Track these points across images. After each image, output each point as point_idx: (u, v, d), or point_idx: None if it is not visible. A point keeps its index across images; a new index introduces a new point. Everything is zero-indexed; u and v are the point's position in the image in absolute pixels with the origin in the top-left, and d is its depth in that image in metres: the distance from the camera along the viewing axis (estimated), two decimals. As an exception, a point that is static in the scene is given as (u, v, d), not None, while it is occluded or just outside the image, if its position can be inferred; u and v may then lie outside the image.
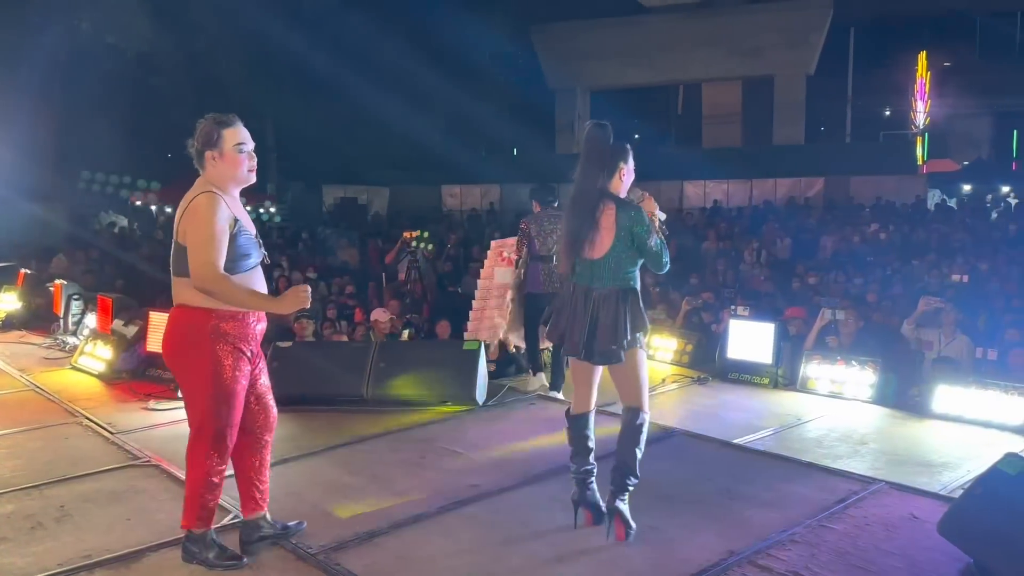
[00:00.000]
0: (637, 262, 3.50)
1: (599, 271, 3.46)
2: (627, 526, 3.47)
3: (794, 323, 7.32)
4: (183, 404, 3.36)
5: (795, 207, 20.99)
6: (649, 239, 3.44)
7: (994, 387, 5.39)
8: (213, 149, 3.19)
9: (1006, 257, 11.85)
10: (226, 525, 3.72)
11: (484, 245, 15.30)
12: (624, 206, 3.46)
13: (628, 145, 3.58)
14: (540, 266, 6.09)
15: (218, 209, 3.12)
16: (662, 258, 3.50)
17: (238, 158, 3.22)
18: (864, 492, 4.02)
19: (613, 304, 3.43)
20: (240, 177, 3.26)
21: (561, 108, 30.69)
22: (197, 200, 3.14)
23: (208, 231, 3.08)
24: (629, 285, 3.48)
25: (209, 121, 3.24)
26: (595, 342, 3.44)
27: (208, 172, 3.22)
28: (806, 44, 26.38)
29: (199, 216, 3.10)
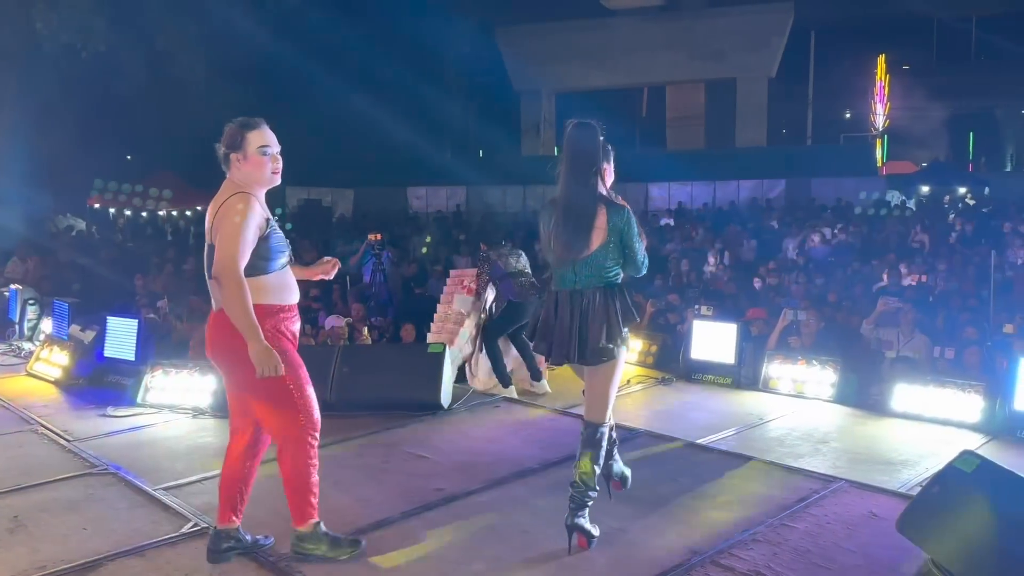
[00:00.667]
0: (619, 261, 3.46)
1: (582, 270, 3.41)
2: (589, 536, 3.44)
3: (756, 323, 7.40)
4: (253, 405, 3.32)
5: (757, 208, 21.24)
6: (636, 242, 3.42)
7: (951, 385, 5.49)
8: (237, 151, 3.25)
9: (963, 257, 12.09)
10: (185, 534, 3.66)
11: (451, 247, 15.31)
12: (614, 208, 3.40)
13: (609, 145, 3.54)
14: (510, 281, 6.34)
15: (251, 210, 3.18)
16: (645, 261, 3.51)
17: (262, 160, 3.26)
18: (825, 491, 4.07)
19: (602, 301, 3.39)
20: (264, 179, 3.30)
21: (527, 110, 30.77)
22: (232, 200, 3.19)
23: (238, 228, 3.13)
24: (614, 281, 3.44)
25: (234, 125, 3.29)
26: (587, 342, 3.38)
27: (233, 174, 3.27)
28: (767, 47, 26.75)
29: (232, 214, 3.15)
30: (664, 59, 27.45)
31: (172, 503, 4.04)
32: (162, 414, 5.64)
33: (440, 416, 5.54)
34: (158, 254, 13.49)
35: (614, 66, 28.07)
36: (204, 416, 5.56)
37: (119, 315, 6.94)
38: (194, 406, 5.65)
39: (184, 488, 4.27)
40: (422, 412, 5.51)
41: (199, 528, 3.72)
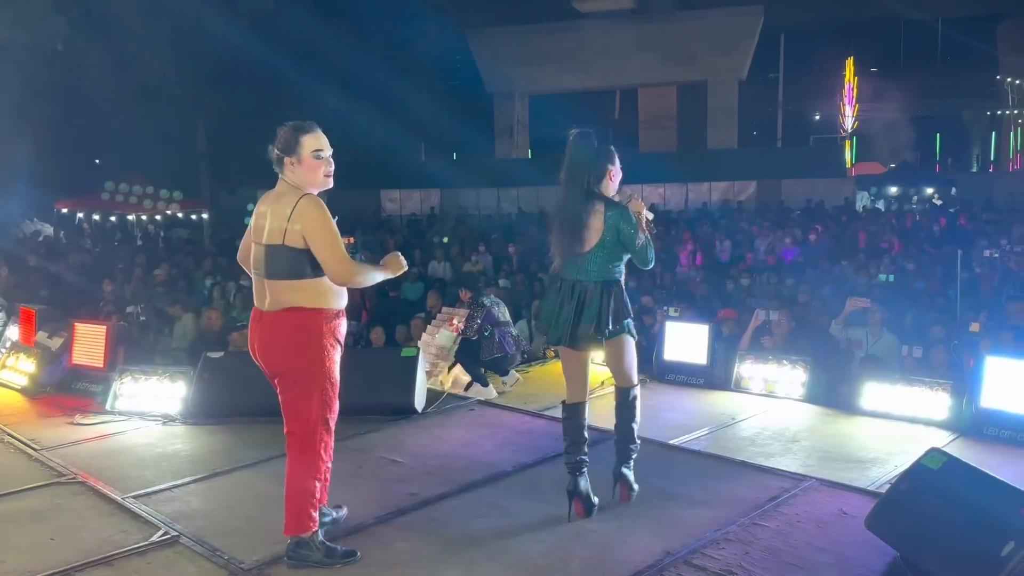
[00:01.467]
0: (623, 258, 3.77)
1: (585, 264, 3.71)
2: (630, 488, 3.86)
3: (727, 324, 7.46)
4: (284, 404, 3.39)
5: (729, 210, 21.42)
6: (636, 237, 3.69)
7: (919, 383, 5.56)
8: (292, 155, 3.34)
9: (930, 257, 12.28)
10: (155, 542, 3.62)
11: (424, 250, 15.27)
12: (611, 205, 3.71)
13: (612, 147, 3.85)
14: (507, 332, 6.57)
15: (327, 208, 3.31)
16: (648, 254, 3.77)
17: (315, 164, 3.35)
18: (796, 489, 4.11)
19: (597, 295, 3.69)
20: (317, 182, 3.38)
21: (500, 112, 30.79)
22: (309, 204, 3.27)
23: (332, 229, 3.28)
24: (613, 278, 3.75)
25: (289, 128, 3.38)
26: (578, 330, 3.70)
27: (288, 176, 3.37)
28: (738, 50, 26.99)
29: (319, 218, 3.26)
30: (636, 62, 27.60)
31: (142, 512, 3.98)
32: (132, 421, 5.56)
33: (414, 420, 5.52)
34: (126, 259, 13.32)
35: (586, 69, 28.17)
36: (174, 423, 5.49)
37: (88, 321, 6.85)
38: (164, 413, 5.59)
39: (154, 496, 4.21)
40: (396, 416, 5.49)
41: (169, 536, 3.67)
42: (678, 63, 27.43)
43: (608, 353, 3.94)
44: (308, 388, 3.33)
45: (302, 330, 3.30)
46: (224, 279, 10.79)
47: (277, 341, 3.34)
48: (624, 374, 3.93)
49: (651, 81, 29.64)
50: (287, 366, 3.35)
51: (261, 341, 3.39)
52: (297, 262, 3.26)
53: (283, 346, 3.33)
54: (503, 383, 6.63)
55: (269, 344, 3.36)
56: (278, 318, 3.32)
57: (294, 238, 3.25)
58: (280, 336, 3.33)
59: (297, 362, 3.32)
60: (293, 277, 3.28)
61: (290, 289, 3.30)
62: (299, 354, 3.31)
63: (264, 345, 3.38)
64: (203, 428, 5.38)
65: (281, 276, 3.30)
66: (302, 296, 3.29)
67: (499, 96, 30.50)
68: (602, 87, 31.25)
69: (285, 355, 3.34)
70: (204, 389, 5.55)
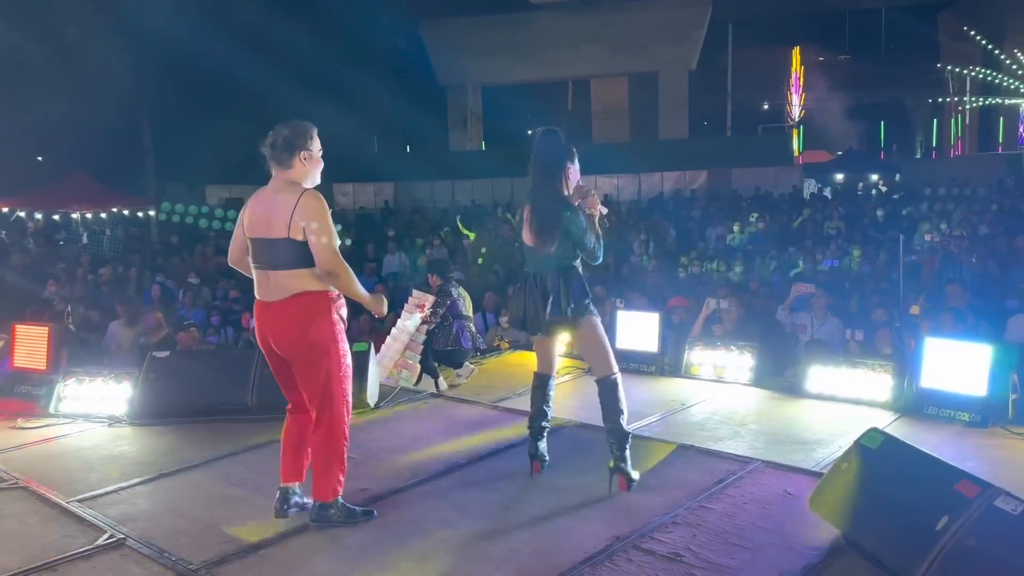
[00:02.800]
0: (578, 252, 3.96)
1: (545, 258, 3.92)
2: (629, 480, 3.95)
3: (677, 312, 7.56)
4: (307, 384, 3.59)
5: (681, 199, 21.65)
6: (584, 236, 3.88)
7: (862, 365, 5.69)
8: (307, 151, 3.54)
9: (875, 242, 12.56)
10: (100, 546, 3.55)
11: (378, 244, 15.16)
12: (569, 209, 3.89)
13: (573, 148, 4.03)
14: (465, 326, 6.53)
15: (326, 203, 3.49)
16: (596, 252, 3.96)
17: (320, 161, 3.61)
18: (742, 472, 4.19)
19: (556, 279, 3.89)
20: (317, 178, 3.62)
21: (453, 104, 30.69)
22: (310, 196, 3.46)
23: (330, 223, 3.46)
24: (569, 263, 3.94)
25: (303, 124, 3.57)
26: (545, 316, 3.90)
27: (294, 171, 3.53)
28: (687, 40, 27.27)
29: (320, 211, 3.44)
30: (587, 53, 27.74)
31: (86, 515, 3.91)
32: (76, 424, 5.45)
33: (367, 415, 5.49)
34: (70, 259, 13.01)
35: (538, 60, 28.23)
36: (120, 424, 5.39)
37: (30, 323, 6.67)
38: (110, 415, 5.48)
39: (100, 499, 4.14)
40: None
41: (115, 539, 3.61)
42: (629, 54, 27.64)
43: (578, 341, 4.11)
44: (328, 363, 3.55)
45: (313, 311, 3.52)
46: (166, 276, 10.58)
47: (292, 326, 3.52)
48: (600, 361, 4.04)
49: (602, 72, 29.82)
50: (305, 347, 3.54)
51: (274, 329, 3.57)
52: (302, 252, 3.45)
53: (298, 329, 3.52)
54: (457, 375, 6.62)
55: (283, 330, 3.55)
56: (288, 305, 3.51)
57: (298, 231, 3.42)
58: (293, 320, 3.52)
59: (315, 342, 3.52)
60: (298, 267, 3.47)
61: (296, 276, 3.48)
62: (314, 334, 3.51)
63: (278, 332, 3.56)
64: (150, 429, 5.29)
65: (286, 267, 3.48)
66: (308, 282, 3.49)
67: (452, 88, 30.40)
68: (554, 78, 31.34)
69: (301, 337, 3.53)
70: (150, 389, 5.46)
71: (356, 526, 3.63)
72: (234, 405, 5.36)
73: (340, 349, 3.59)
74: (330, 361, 3.55)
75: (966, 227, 12.32)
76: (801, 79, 31.57)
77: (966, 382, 5.06)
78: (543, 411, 4.14)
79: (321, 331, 3.53)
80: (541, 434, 4.17)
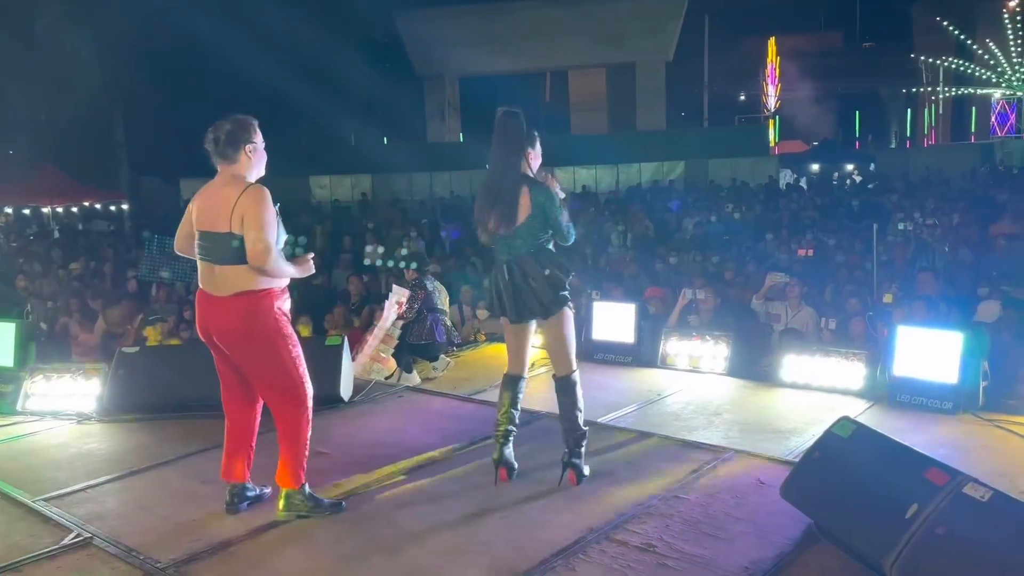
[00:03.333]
0: (548, 233, 3.84)
1: (513, 243, 3.80)
2: (579, 475, 3.90)
3: (654, 302, 7.56)
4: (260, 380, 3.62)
5: (659, 190, 21.69)
6: (559, 215, 3.79)
7: (836, 354, 5.72)
8: (251, 144, 3.53)
9: (850, 231, 12.64)
10: (66, 545, 3.49)
11: (355, 237, 15.05)
12: (537, 187, 3.78)
13: (535, 132, 3.90)
14: (440, 319, 6.49)
15: (270, 198, 3.46)
16: (569, 232, 3.87)
17: (264, 154, 3.60)
18: (716, 461, 4.20)
19: (531, 266, 3.78)
20: (262, 170, 3.61)
21: (430, 95, 30.54)
22: (255, 192, 3.44)
23: (267, 217, 3.42)
24: (542, 247, 3.83)
25: (246, 118, 3.55)
26: (521, 303, 3.81)
27: (239, 165, 3.51)
28: (664, 32, 27.30)
29: (259, 204, 3.42)
30: (565, 44, 27.72)
31: (53, 514, 3.84)
32: (44, 421, 5.35)
33: (341, 409, 5.45)
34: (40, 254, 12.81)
35: (516, 51, 28.17)
36: (89, 422, 5.30)
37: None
38: (78, 412, 5.39)
39: (67, 498, 4.06)
40: (321, 406, 5.37)
41: (81, 539, 3.55)
42: (606, 45, 27.65)
43: (547, 332, 3.96)
44: (279, 354, 3.55)
45: (255, 312, 3.49)
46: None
47: (234, 324, 3.51)
48: (563, 358, 3.93)
49: (580, 63, 29.82)
50: (249, 345, 3.55)
51: (217, 324, 3.55)
52: (244, 248, 3.42)
53: (241, 328, 3.51)
54: (433, 368, 6.59)
55: (226, 327, 3.54)
56: (230, 303, 3.49)
57: (239, 225, 3.41)
58: (235, 320, 3.51)
59: (258, 339, 3.52)
60: (241, 262, 3.44)
61: (239, 273, 3.46)
62: (257, 332, 3.51)
63: (221, 328, 3.55)
64: (119, 426, 5.21)
65: (230, 261, 3.45)
66: (251, 279, 3.46)
67: (429, 79, 30.25)
68: (532, 69, 31.28)
69: (244, 337, 3.52)
70: (119, 386, 5.38)
71: (324, 517, 3.62)
72: (204, 401, 5.25)
73: (288, 338, 3.58)
74: (280, 351, 3.55)
75: (939, 216, 12.43)
76: (777, 70, 31.71)
77: (937, 370, 5.11)
78: (511, 415, 3.98)
79: (265, 327, 3.52)
80: (507, 439, 3.99)
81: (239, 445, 3.77)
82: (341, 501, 3.75)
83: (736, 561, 3.16)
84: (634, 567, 3.14)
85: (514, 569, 3.15)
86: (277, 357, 3.55)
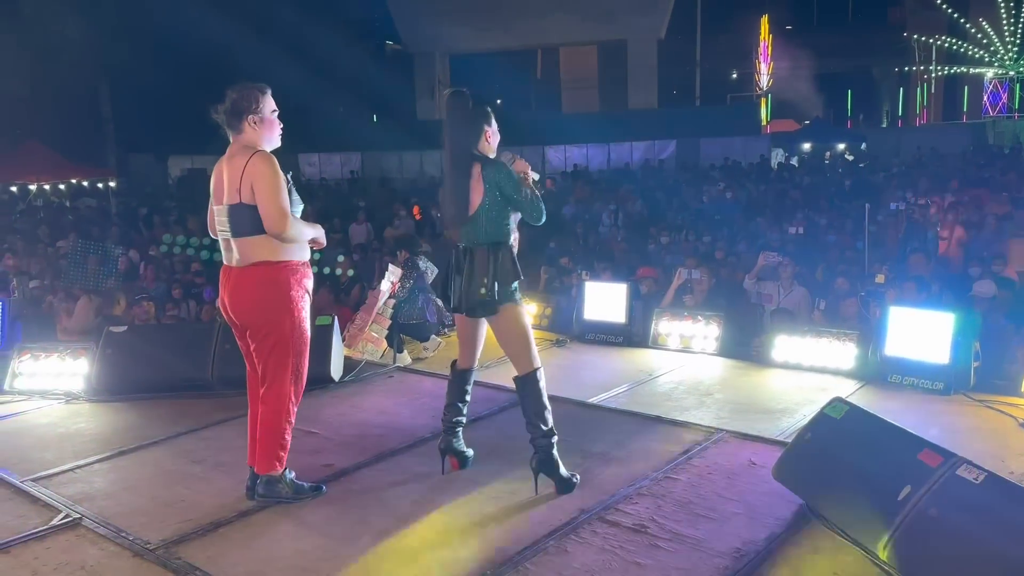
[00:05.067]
0: (509, 217, 3.64)
1: (473, 228, 3.62)
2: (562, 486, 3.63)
3: (646, 282, 7.54)
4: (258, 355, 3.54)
5: (650, 169, 21.63)
6: (517, 192, 3.58)
7: (828, 335, 5.72)
8: (255, 114, 3.46)
9: (840, 211, 12.63)
10: (55, 526, 3.47)
11: (345, 216, 14.95)
12: (489, 163, 3.60)
13: (489, 108, 3.73)
14: (431, 299, 6.34)
15: (277, 165, 3.41)
16: (535, 210, 3.63)
17: (274, 122, 3.53)
18: (707, 442, 4.19)
19: (484, 258, 3.59)
20: (274, 140, 3.54)
21: (420, 73, 30.29)
22: (258, 159, 3.37)
23: (276, 183, 3.36)
24: (500, 239, 3.63)
25: (249, 87, 3.48)
26: (470, 295, 3.61)
27: (246, 135, 3.47)
28: (656, 9, 27.11)
29: (267, 172, 3.36)
30: (556, 21, 27.47)
31: (41, 495, 3.80)
32: (32, 401, 5.31)
33: (331, 389, 5.42)
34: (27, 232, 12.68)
35: (507, 28, 27.91)
36: (78, 401, 5.26)
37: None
38: (67, 391, 5.34)
39: (55, 478, 4.03)
40: (311, 386, 5.33)
41: (70, 519, 3.52)
42: (598, 22, 27.41)
43: (499, 330, 3.68)
44: (279, 339, 3.48)
45: (270, 283, 3.44)
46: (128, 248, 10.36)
47: (246, 296, 3.48)
48: (520, 355, 3.67)
49: (571, 40, 29.58)
50: (257, 319, 3.49)
51: (231, 296, 3.52)
52: (257, 217, 3.38)
53: (252, 300, 3.47)
54: (424, 348, 6.56)
55: (239, 299, 3.50)
56: (245, 273, 3.46)
57: (249, 195, 3.37)
58: (249, 291, 3.47)
59: (267, 315, 3.46)
60: (257, 233, 3.40)
61: (255, 244, 3.42)
62: (268, 307, 3.46)
63: (234, 300, 3.52)
64: (108, 405, 5.17)
65: (245, 233, 3.41)
66: (267, 251, 3.42)
67: (419, 56, 29.99)
68: (523, 46, 31.01)
69: (254, 308, 3.48)
70: (108, 365, 5.33)
71: (305, 502, 3.58)
72: (194, 380, 5.25)
73: (295, 322, 3.49)
74: (281, 334, 3.47)
75: (931, 196, 12.43)
76: (769, 48, 31.56)
77: (929, 350, 5.11)
78: (456, 407, 3.83)
79: (275, 303, 3.45)
80: (454, 430, 3.86)
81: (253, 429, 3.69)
82: (321, 485, 3.71)
83: (728, 542, 3.16)
84: (626, 547, 3.14)
85: (506, 550, 3.14)
86: (277, 337, 3.47)
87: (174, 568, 3.10)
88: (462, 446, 3.93)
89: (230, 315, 3.57)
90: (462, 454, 3.92)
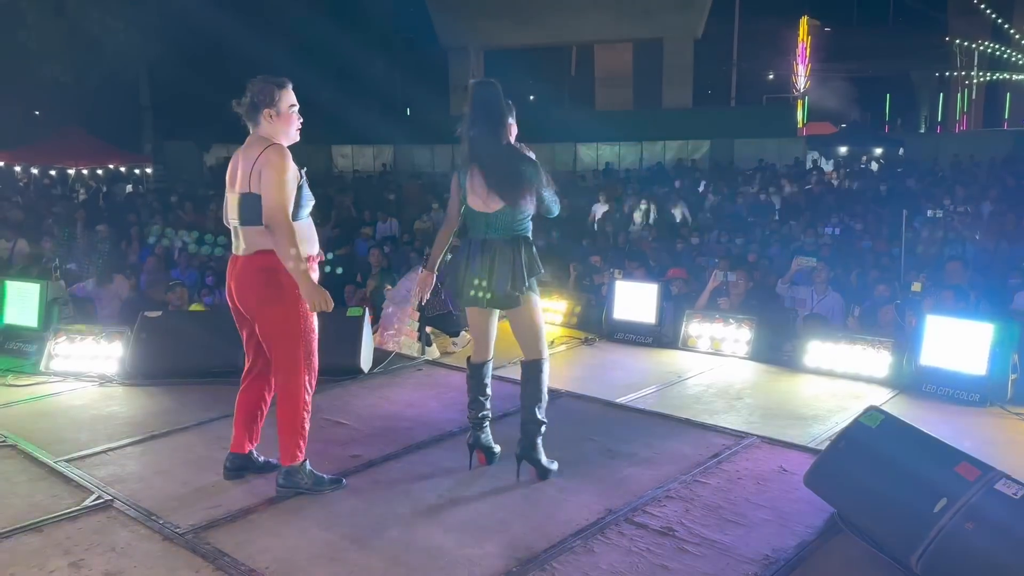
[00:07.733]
0: (530, 212, 3.66)
1: (495, 222, 3.61)
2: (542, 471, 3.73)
3: (676, 283, 7.48)
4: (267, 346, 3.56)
5: (683, 169, 21.48)
6: (544, 190, 3.62)
7: (862, 341, 5.63)
8: (271, 107, 3.47)
9: (876, 216, 12.46)
10: (87, 507, 3.51)
11: (375, 209, 15.02)
12: (525, 159, 3.60)
13: (509, 101, 3.69)
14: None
15: (290, 160, 3.42)
16: (554, 204, 3.72)
17: (292, 117, 3.53)
18: (737, 446, 4.15)
19: (509, 252, 3.59)
20: (291, 134, 3.54)
21: (455, 68, 30.32)
22: (271, 151, 3.39)
23: (282, 177, 3.36)
24: (523, 234, 3.65)
25: (267, 81, 3.50)
26: (493, 288, 3.60)
27: (263, 128, 3.48)
28: (693, 8, 26.89)
29: (275, 165, 3.37)
30: (592, 18, 27.34)
31: (74, 475, 3.87)
32: (67, 383, 5.39)
33: (360, 381, 5.45)
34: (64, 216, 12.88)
35: (542, 24, 27.82)
36: (111, 384, 5.33)
37: (20, 279, 6.61)
38: (100, 374, 5.42)
39: (88, 459, 4.09)
40: (341, 377, 5.40)
41: (102, 501, 3.57)
42: (634, 20, 27.25)
43: (517, 319, 3.73)
44: (284, 328, 3.48)
45: (274, 272, 3.42)
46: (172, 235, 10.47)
47: (250, 283, 3.48)
48: (532, 343, 3.75)
49: (607, 37, 29.43)
50: (261, 308, 3.49)
51: (236, 284, 3.54)
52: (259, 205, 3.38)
53: (255, 288, 3.47)
54: (453, 343, 6.57)
55: (243, 286, 3.51)
56: (250, 261, 3.47)
57: (259, 184, 3.38)
58: (253, 278, 3.47)
59: (271, 304, 3.46)
60: (258, 222, 3.40)
61: (261, 233, 3.41)
62: (272, 296, 3.45)
63: (239, 287, 3.53)
64: (141, 389, 5.24)
65: (253, 222, 3.42)
66: (270, 239, 3.40)
67: (454, 51, 30.02)
68: (558, 43, 30.93)
69: (258, 297, 3.48)
70: (141, 349, 5.40)
71: (323, 494, 3.59)
72: (226, 367, 5.28)
73: (300, 312, 3.47)
74: (288, 323, 3.47)
75: (970, 203, 12.21)
76: (807, 50, 31.17)
77: (966, 361, 5.01)
78: (479, 401, 3.84)
79: (281, 293, 3.44)
80: (481, 425, 3.87)
81: (240, 415, 3.75)
82: (341, 478, 3.71)
83: (757, 548, 3.13)
84: (653, 550, 3.12)
85: (532, 548, 3.13)
86: (284, 326, 3.47)
87: (203, 553, 3.13)
88: (490, 441, 3.92)
89: (236, 303, 3.58)
90: (490, 450, 3.92)
